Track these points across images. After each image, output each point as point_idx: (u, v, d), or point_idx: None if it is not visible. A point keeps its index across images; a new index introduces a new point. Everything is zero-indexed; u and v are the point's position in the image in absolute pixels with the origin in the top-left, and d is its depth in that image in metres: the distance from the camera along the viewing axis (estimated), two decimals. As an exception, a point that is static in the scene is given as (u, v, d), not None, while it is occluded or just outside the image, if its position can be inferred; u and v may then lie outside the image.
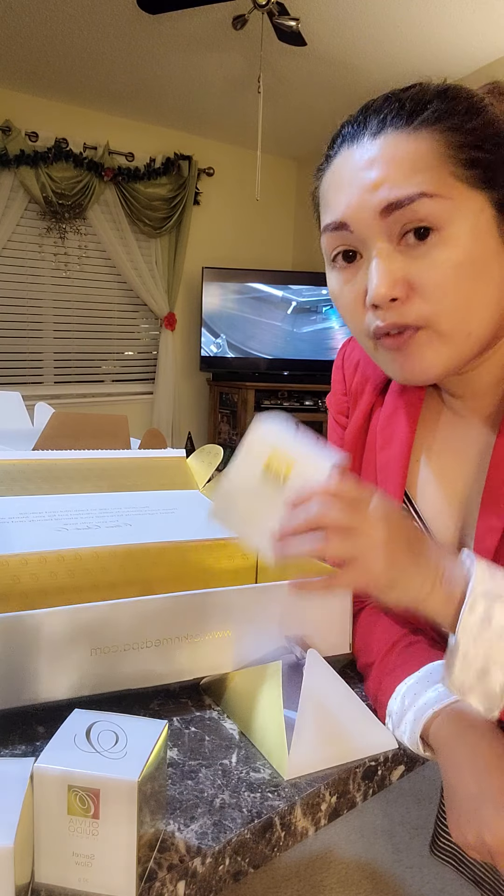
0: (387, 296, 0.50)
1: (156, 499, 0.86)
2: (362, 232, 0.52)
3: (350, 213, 0.52)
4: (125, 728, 0.43)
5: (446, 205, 0.49)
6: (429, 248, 0.50)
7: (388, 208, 0.50)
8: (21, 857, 0.37)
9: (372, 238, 0.52)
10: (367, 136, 0.52)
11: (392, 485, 0.62)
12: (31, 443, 0.92)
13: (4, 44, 3.19)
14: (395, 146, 0.50)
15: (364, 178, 0.51)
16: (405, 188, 0.49)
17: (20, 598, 0.66)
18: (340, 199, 0.53)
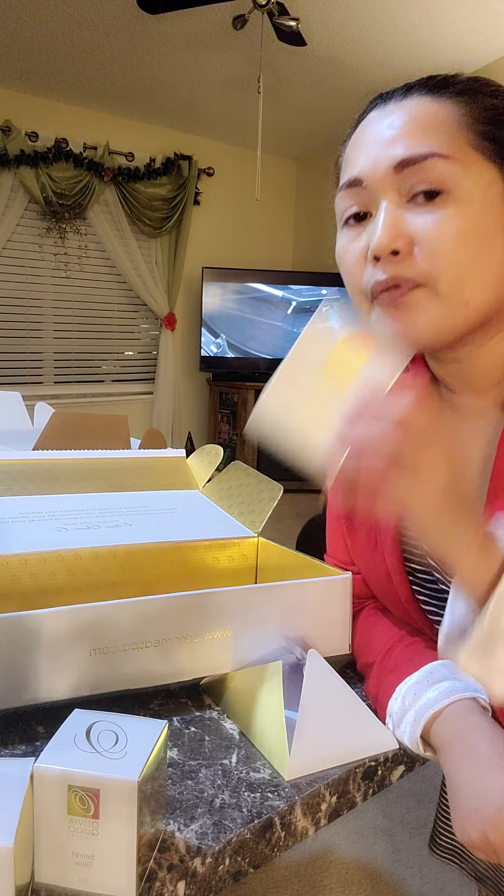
0: (388, 247, 0.51)
1: (156, 499, 0.86)
2: (374, 187, 0.52)
3: (365, 168, 0.53)
4: (125, 728, 0.43)
5: (458, 169, 0.50)
6: (436, 207, 0.50)
7: (401, 164, 0.50)
8: (21, 857, 0.37)
9: (383, 193, 0.52)
10: (394, 101, 0.54)
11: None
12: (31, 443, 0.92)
13: (4, 44, 3.19)
14: (417, 108, 0.52)
15: (383, 135, 0.52)
16: (420, 146, 0.50)
17: (20, 598, 0.66)
18: (359, 157, 0.54)
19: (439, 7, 2.82)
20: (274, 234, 5.04)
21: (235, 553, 0.77)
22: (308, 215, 4.99)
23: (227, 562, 0.76)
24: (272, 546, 0.76)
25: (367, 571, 0.67)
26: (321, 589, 0.64)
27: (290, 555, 0.74)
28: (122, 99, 3.86)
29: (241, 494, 0.84)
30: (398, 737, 0.56)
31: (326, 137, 4.50)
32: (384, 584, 0.64)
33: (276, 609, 0.62)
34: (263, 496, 0.81)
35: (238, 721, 0.59)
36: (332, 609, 0.65)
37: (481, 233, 0.50)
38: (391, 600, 0.65)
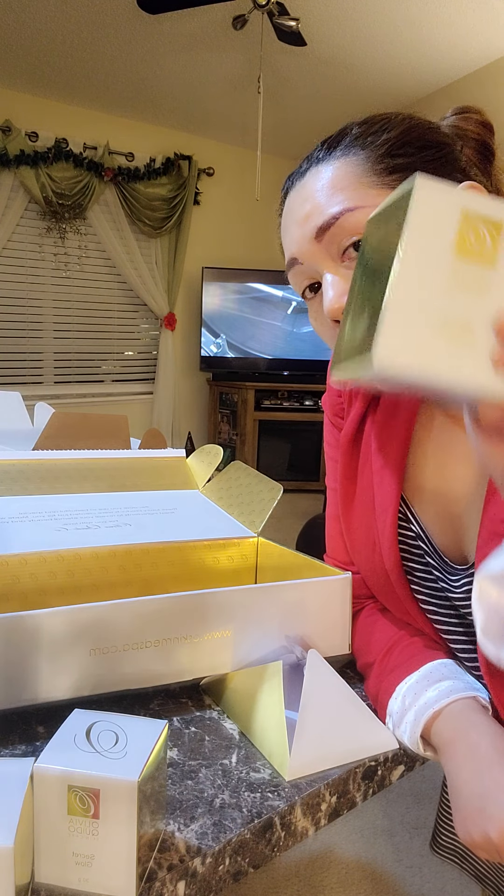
0: (337, 310, 0.54)
1: (156, 499, 0.86)
2: (310, 261, 0.56)
3: (295, 248, 0.57)
4: (125, 728, 0.43)
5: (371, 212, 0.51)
6: None
7: (319, 232, 0.54)
8: (21, 857, 0.37)
9: (319, 263, 0.56)
10: (299, 179, 0.58)
11: (388, 489, 0.62)
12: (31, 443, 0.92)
13: (4, 44, 3.19)
14: (317, 178, 0.55)
15: (298, 215, 0.56)
16: (327, 210, 0.53)
17: (19, 598, 0.66)
18: (287, 240, 0.59)
19: (439, 7, 2.82)
20: (274, 235, 5.01)
21: (235, 553, 0.77)
22: (308, 215, 4.99)
23: (227, 562, 0.76)
24: (272, 546, 0.76)
25: (366, 571, 0.67)
26: (321, 589, 0.64)
27: (290, 555, 0.74)
28: (122, 99, 3.86)
29: (240, 494, 0.84)
30: (398, 736, 0.56)
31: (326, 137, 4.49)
32: (383, 583, 0.64)
33: (276, 609, 0.62)
34: (263, 496, 0.81)
35: (238, 721, 0.59)
36: (331, 609, 0.65)
37: None
38: (390, 600, 0.65)
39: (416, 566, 0.62)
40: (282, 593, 0.63)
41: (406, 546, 0.62)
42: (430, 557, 0.60)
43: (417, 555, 0.61)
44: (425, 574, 0.61)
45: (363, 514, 0.65)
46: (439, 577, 0.60)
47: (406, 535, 0.62)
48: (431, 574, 0.61)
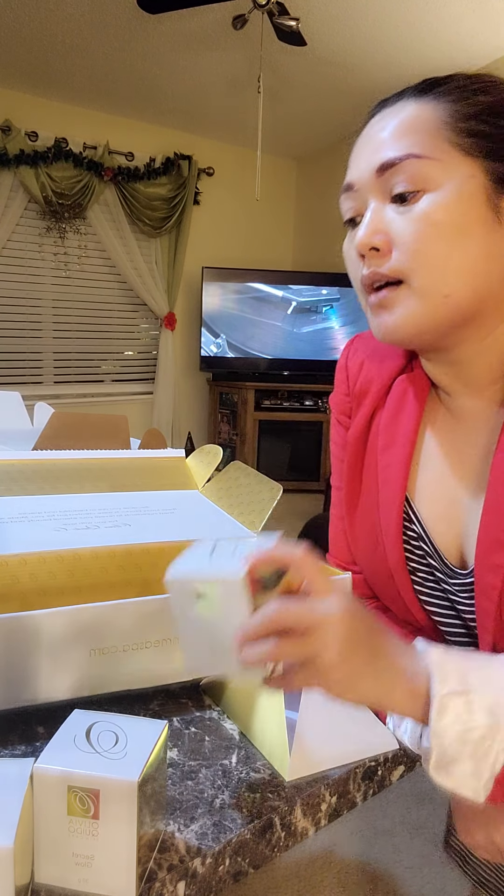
0: (367, 244, 0.54)
1: (155, 499, 0.86)
2: (363, 190, 0.56)
3: (356, 174, 0.56)
4: (125, 728, 0.43)
5: (435, 166, 0.52)
6: (413, 205, 0.53)
7: (381, 167, 0.53)
8: (21, 857, 0.37)
9: (369, 194, 0.55)
10: (387, 107, 0.57)
11: (393, 488, 0.62)
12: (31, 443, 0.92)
13: (4, 44, 3.19)
14: (401, 112, 0.54)
15: (372, 141, 0.55)
16: (398, 149, 0.53)
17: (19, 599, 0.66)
18: (353, 163, 0.58)
19: (439, 7, 2.82)
20: (274, 234, 5.04)
21: (235, 553, 0.77)
22: (308, 215, 4.99)
23: (227, 562, 0.76)
24: (272, 546, 0.76)
25: (369, 570, 0.67)
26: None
27: (290, 555, 0.73)
28: (121, 99, 3.86)
29: (240, 494, 0.84)
30: (399, 737, 0.56)
31: (326, 137, 4.49)
32: (386, 582, 0.64)
33: (276, 609, 0.62)
34: (263, 496, 0.81)
35: (238, 721, 0.59)
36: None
37: (457, 227, 0.51)
38: (393, 599, 0.65)
39: (417, 566, 0.62)
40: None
41: (408, 546, 0.62)
42: (431, 559, 0.60)
43: (419, 555, 0.61)
44: (426, 575, 0.61)
45: (367, 513, 0.65)
46: (440, 579, 0.60)
47: (409, 535, 0.62)
48: (433, 575, 0.61)
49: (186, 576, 0.47)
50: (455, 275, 0.52)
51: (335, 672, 0.43)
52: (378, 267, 0.54)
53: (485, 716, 0.43)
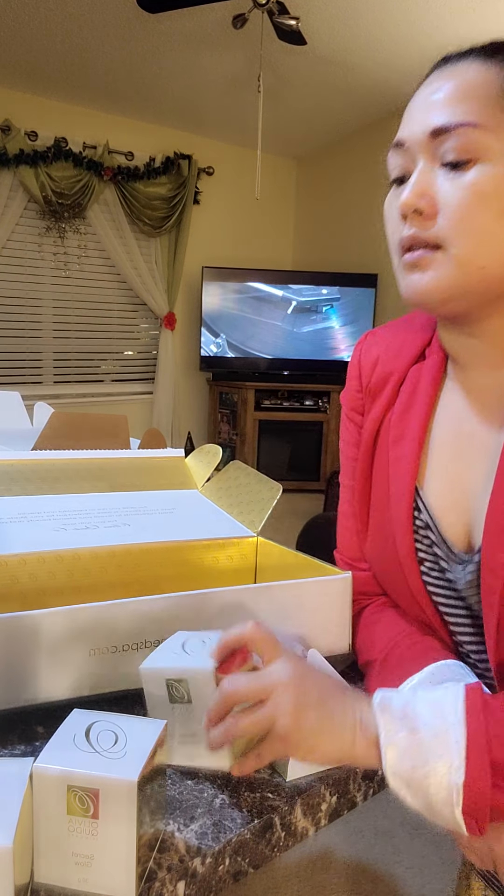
0: (411, 205, 0.52)
1: (154, 499, 0.86)
2: (413, 150, 0.54)
3: (407, 132, 0.55)
4: (125, 728, 0.43)
5: (489, 136, 0.50)
6: (462, 173, 0.51)
7: (434, 132, 0.52)
8: (20, 856, 0.37)
9: (418, 156, 0.54)
10: (449, 65, 0.55)
11: (402, 480, 0.62)
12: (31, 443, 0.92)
13: (4, 43, 3.19)
14: (463, 74, 0.52)
15: (428, 101, 0.53)
16: (454, 115, 0.51)
17: (19, 599, 0.66)
18: (407, 120, 0.56)
19: (440, 5, 2.82)
20: (274, 234, 5.04)
21: (235, 553, 0.77)
22: (308, 215, 4.99)
23: (227, 561, 0.76)
24: (271, 546, 0.76)
25: (379, 565, 0.67)
26: (321, 589, 0.64)
27: (289, 555, 0.73)
28: (121, 98, 3.86)
29: (240, 494, 0.84)
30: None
31: (327, 137, 4.49)
32: (395, 575, 0.64)
33: (275, 609, 0.62)
34: (263, 495, 0.81)
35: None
36: (331, 609, 0.65)
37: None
38: (402, 593, 0.65)
39: (425, 556, 0.62)
40: (281, 593, 0.63)
41: (417, 536, 0.62)
42: (437, 547, 0.60)
43: (426, 544, 0.61)
44: (433, 564, 0.61)
45: (379, 508, 0.65)
46: (445, 569, 0.60)
47: (417, 525, 0.62)
48: (438, 565, 0.60)
49: (159, 668, 0.50)
50: (494, 248, 0.51)
51: (293, 735, 0.45)
52: (420, 230, 0.53)
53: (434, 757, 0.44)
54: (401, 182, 0.56)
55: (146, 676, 0.51)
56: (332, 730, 0.46)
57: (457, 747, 0.44)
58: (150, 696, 0.51)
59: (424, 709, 0.46)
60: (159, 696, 0.51)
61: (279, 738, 0.46)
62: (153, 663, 0.51)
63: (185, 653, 0.51)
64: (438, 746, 0.44)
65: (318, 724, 0.46)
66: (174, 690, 0.50)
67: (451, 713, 0.45)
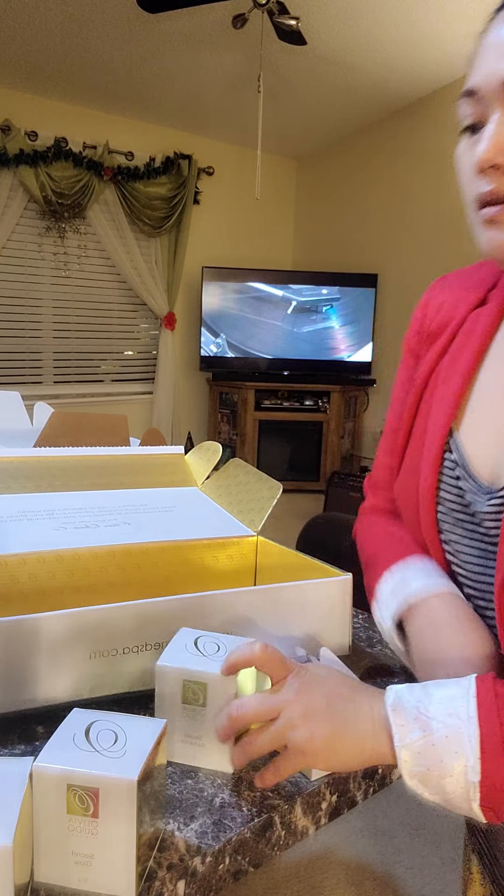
0: (488, 160, 0.49)
1: (154, 496, 0.86)
2: (487, 99, 0.50)
3: (480, 79, 0.51)
4: (124, 727, 0.43)
5: None
6: None
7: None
8: (20, 856, 0.37)
9: (495, 104, 0.50)
10: None
11: (439, 420, 0.61)
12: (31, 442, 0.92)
13: (4, 43, 3.19)
14: None
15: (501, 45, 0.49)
16: None
17: (19, 599, 0.66)
18: (479, 64, 0.52)
19: (440, 6, 2.82)
20: (274, 234, 5.04)
21: (235, 552, 0.77)
22: (308, 215, 4.99)
23: (227, 561, 0.76)
24: (272, 545, 0.76)
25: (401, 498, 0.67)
26: (321, 589, 0.64)
27: (289, 555, 0.73)
28: (121, 98, 3.86)
29: (240, 492, 0.84)
30: (378, 620, 0.57)
31: (327, 136, 4.49)
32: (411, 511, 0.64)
33: (276, 610, 0.62)
34: (263, 494, 0.81)
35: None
36: (332, 609, 0.65)
37: None
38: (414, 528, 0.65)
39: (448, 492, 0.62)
40: (282, 594, 0.62)
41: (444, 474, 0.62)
42: (464, 480, 0.60)
43: (452, 478, 0.61)
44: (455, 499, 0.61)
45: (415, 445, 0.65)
46: (471, 501, 0.59)
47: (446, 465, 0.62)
48: (463, 498, 0.60)
49: (179, 667, 0.51)
50: None
51: (309, 746, 0.45)
52: (500, 186, 0.50)
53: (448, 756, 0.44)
54: (474, 130, 0.53)
55: (162, 674, 0.50)
56: (346, 735, 0.46)
57: (470, 745, 0.44)
58: (161, 693, 0.51)
59: (437, 708, 0.46)
60: (171, 694, 0.50)
61: (298, 752, 0.46)
62: (172, 662, 0.51)
63: (202, 654, 0.51)
64: (452, 745, 0.44)
65: (332, 731, 0.46)
66: (190, 692, 0.50)
67: (463, 709, 0.45)
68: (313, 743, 0.45)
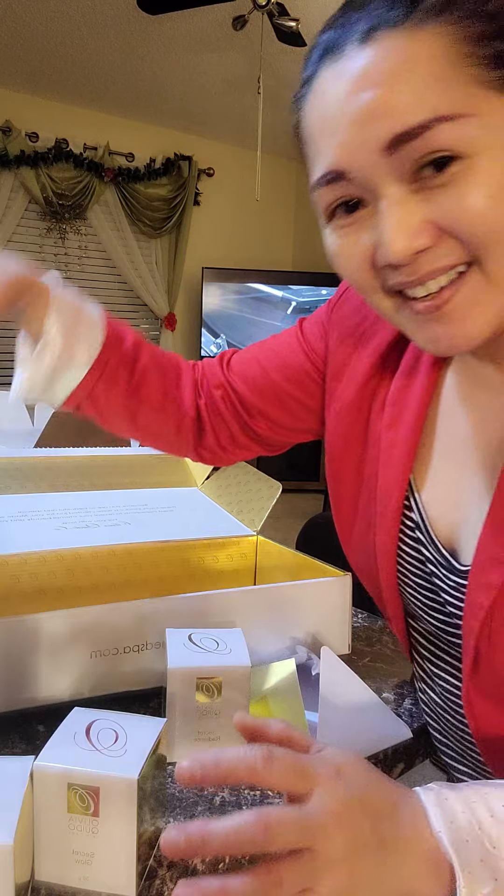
0: (409, 249, 0.39)
1: (154, 496, 0.86)
2: (365, 177, 0.40)
3: (345, 156, 0.40)
4: (125, 726, 0.43)
5: (471, 124, 0.37)
6: (453, 178, 0.38)
7: (394, 142, 0.38)
8: (21, 855, 0.37)
9: (378, 182, 0.40)
10: (353, 43, 0.39)
11: (395, 472, 0.55)
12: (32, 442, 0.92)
13: (5, 44, 3.20)
14: (392, 54, 0.37)
15: (357, 104, 0.38)
16: (414, 112, 0.37)
17: (20, 598, 0.66)
18: (331, 140, 0.40)
19: (439, 7, 2.83)
20: (274, 235, 5.04)
21: (235, 552, 0.77)
22: (308, 215, 4.99)
23: (227, 561, 0.76)
24: (271, 545, 0.76)
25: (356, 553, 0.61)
26: (321, 589, 0.64)
27: (289, 554, 0.74)
28: (122, 99, 3.86)
29: (239, 492, 0.84)
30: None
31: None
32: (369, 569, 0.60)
33: (275, 610, 0.62)
34: (262, 494, 0.81)
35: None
36: (331, 610, 0.65)
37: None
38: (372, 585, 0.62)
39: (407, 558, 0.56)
40: (282, 594, 0.63)
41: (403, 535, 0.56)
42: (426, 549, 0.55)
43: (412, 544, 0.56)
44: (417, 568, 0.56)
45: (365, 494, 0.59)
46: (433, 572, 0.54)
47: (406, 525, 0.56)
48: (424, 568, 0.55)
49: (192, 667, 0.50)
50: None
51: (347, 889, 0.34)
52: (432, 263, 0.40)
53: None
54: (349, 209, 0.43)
55: (174, 676, 0.50)
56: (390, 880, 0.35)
57: None
58: (173, 695, 0.50)
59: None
60: (184, 695, 0.50)
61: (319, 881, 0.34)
62: (182, 663, 0.50)
63: (206, 650, 0.51)
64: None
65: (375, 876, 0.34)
66: (204, 689, 0.50)
67: None
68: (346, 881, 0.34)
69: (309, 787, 0.35)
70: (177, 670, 0.50)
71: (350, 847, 0.34)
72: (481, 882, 0.34)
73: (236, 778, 0.35)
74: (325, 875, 0.34)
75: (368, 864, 0.34)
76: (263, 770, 0.35)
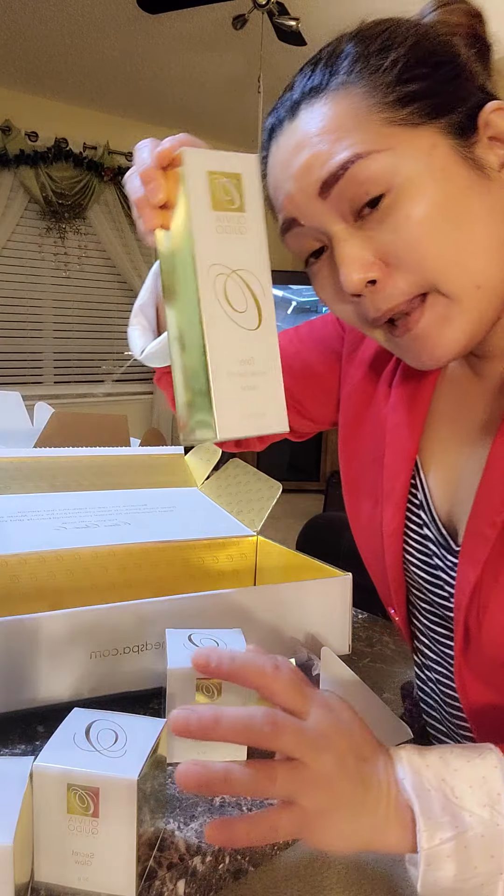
0: (361, 280, 0.45)
1: (154, 497, 0.86)
2: (313, 222, 0.48)
3: (293, 206, 0.49)
4: (125, 727, 0.43)
5: (386, 159, 0.43)
6: (388, 211, 0.44)
7: (324, 188, 0.45)
8: (20, 855, 0.37)
9: (325, 224, 0.47)
10: (287, 120, 0.48)
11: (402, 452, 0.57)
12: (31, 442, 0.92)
13: (4, 44, 3.19)
14: (312, 119, 0.45)
15: (295, 165, 0.47)
16: (333, 159, 0.44)
17: (19, 599, 0.66)
18: (280, 197, 0.50)
19: (439, 7, 2.82)
20: (274, 234, 5.03)
21: (235, 552, 0.77)
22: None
23: (227, 561, 0.76)
24: (271, 545, 0.76)
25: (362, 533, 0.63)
26: (321, 589, 0.64)
27: (289, 555, 0.74)
28: (121, 99, 3.86)
29: (239, 492, 0.84)
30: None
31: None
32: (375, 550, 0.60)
33: (276, 610, 0.62)
34: (262, 494, 0.81)
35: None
36: (331, 610, 0.65)
37: (448, 208, 0.43)
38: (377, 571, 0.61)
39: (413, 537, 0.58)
40: (282, 594, 0.63)
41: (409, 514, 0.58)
42: (429, 528, 0.56)
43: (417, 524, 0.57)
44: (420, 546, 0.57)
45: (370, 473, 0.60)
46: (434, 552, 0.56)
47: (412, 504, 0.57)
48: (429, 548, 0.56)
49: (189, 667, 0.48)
50: (474, 260, 0.44)
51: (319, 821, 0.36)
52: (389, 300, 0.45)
53: (483, 861, 0.36)
54: (317, 256, 0.51)
55: (174, 677, 0.50)
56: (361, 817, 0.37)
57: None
58: (173, 696, 0.50)
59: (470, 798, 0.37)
60: (184, 695, 0.50)
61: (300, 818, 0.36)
62: (182, 663, 0.50)
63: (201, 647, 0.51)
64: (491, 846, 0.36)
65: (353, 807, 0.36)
66: (203, 690, 0.50)
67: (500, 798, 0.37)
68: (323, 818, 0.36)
69: (306, 708, 0.38)
70: (177, 671, 0.50)
71: (335, 770, 0.36)
72: (441, 828, 0.36)
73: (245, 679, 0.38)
74: (309, 790, 0.36)
75: (348, 792, 0.36)
76: (273, 674, 0.38)
